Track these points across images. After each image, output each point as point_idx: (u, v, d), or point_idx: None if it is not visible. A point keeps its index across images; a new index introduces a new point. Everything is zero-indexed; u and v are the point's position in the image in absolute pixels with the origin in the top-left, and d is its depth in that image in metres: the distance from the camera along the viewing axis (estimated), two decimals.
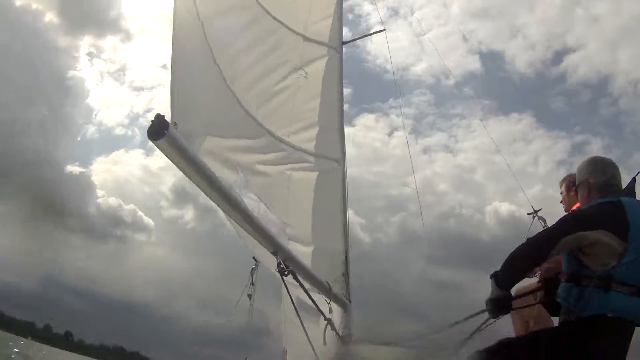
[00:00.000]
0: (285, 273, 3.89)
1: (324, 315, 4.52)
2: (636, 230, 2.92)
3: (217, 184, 3.26)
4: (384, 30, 7.40)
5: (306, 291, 4.14)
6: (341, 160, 5.94)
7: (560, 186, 4.63)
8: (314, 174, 5.68)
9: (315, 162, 5.70)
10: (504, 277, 3.12)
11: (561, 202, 4.59)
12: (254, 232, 3.69)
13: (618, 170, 3.42)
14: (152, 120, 2.95)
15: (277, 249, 3.86)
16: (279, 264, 3.86)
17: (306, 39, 6.26)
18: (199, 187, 3.29)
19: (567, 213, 4.28)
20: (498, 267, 3.26)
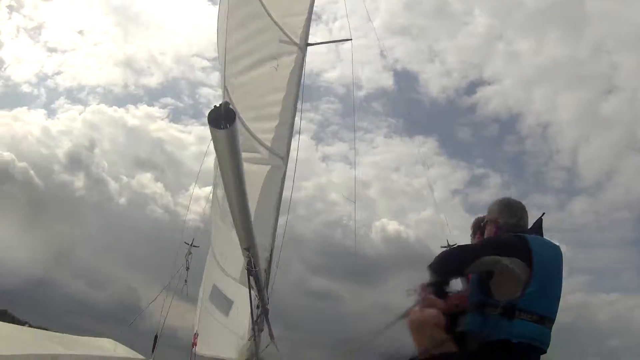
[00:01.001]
0: (252, 272, 3.95)
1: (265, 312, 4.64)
2: (538, 263, 3.09)
3: (243, 180, 3.23)
4: (351, 39, 7.54)
5: (258, 290, 4.23)
6: (285, 158, 6.04)
7: (471, 228, 4.61)
8: (266, 168, 5.71)
9: (267, 156, 5.73)
10: (439, 268, 3.27)
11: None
12: (242, 227, 3.69)
13: (527, 213, 3.61)
14: (215, 106, 2.82)
15: (249, 247, 3.89)
16: (248, 262, 3.90)
17: (283, 32, 6.24)
18: (225, 179, 3.21)
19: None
20: (377, 282, 3.46)
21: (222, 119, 2.77)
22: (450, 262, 3.36)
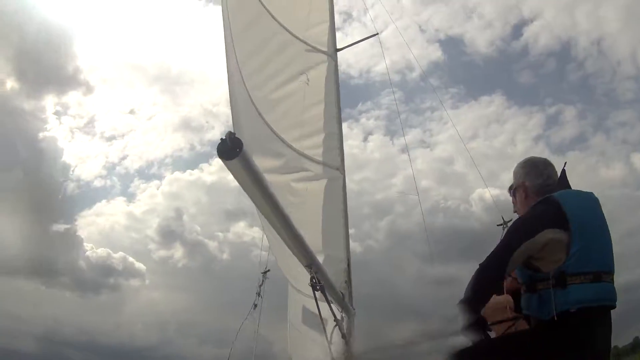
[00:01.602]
0: (317, 288, 3.92)
1: (338, 322, 4.59)
2: (574, 219, 2.94)
3: (276, 201, 3.24)
4: (377, 34, 7.47)
5: (329, 304, 4.18)
6: (341, 168, 6.01)
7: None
8: (322, 182, 5.71)
9: (322, 171, 5.73)
10: (471, 303, 3.05)
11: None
12: (294, 246, 3.69)
13: (554, 168, 3.41)
14: (222, 139, 2.86)
15: (311, 263, 3.88)
16: (312, 279, 3.88)
17: (306, 44, 6.27)
18: (257, 205, 3.25)
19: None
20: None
21: (231, 149, 2.82)
22: (485, 284, 3.08)
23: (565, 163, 3.40)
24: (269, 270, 6.54)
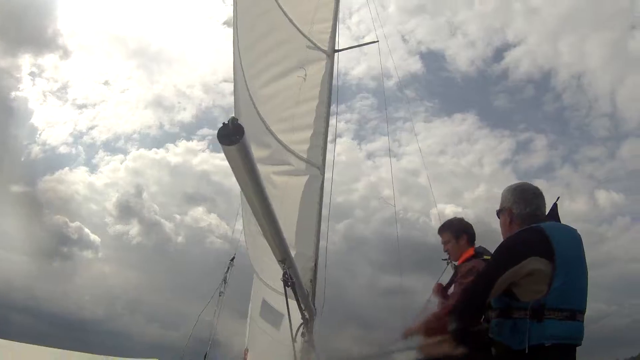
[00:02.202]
0: (289, 284, 3.93)
1: (305, 321, 4.62)
2: (560, 253, 2.89)
3: (265, 193, 3.23)
4: (377, 41, 7.51)
5: (298, 302, 4.20)
6: (322, 168, 6.02)
7: (443, 234, 4.46)
8: (302, 179, 5.72)
9: (304, 167, 5.74)
10: (464, 315, 3.06)
11: (445, 250, 4.44)
12: (273, 239, 3.68)
13: (543, 199, 3.35)
14: (224, 123, 2.82)
15: (285, 258, 3.88)
16: (284, 274, 3.88)
17: (308, 40, 6.26)
18: (246, 194, 3.23)
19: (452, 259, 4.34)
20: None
21: (232, 134, 2.78)
22: (472, 305, 3.05)
23: (558, 198, 3.38)
24: (233, 258, 6.48)
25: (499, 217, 3.51)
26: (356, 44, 7.65)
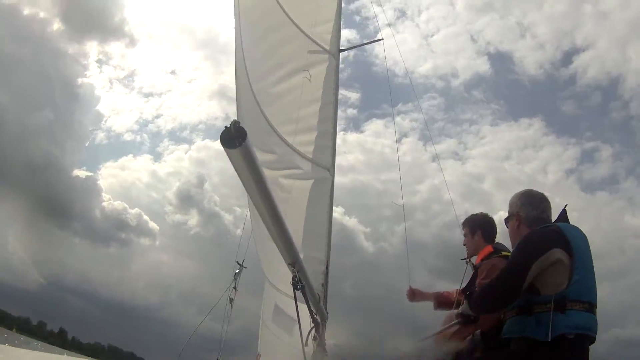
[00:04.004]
0: (298, 287, 3.86)
1: (316, 326, 4.54)
2: (577, 248, 3.06)
3: (271, 196, 3.17)
4: (382, 39, 7.46)
5: (309, 306, 4.13)
6: (332, 169, 5.95)
7: (463, 228, 4.46)
8: (309, 182, 5.64)
9: (311, 169, 5.66)
10: (476, 307, 3.31)
11: (464, 244, 4.42)
12: (281, 242, 3.62)
13: (549, 204, 3.53)
14: (226, 127, 2.79)
15: (294, 261, 3.82)
16: (293, 277, 3.82)
17: (311, 40, 6.19)
18: (252, 197, 3.18)
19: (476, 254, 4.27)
20: None
21: (234, 138, 2.74)
22: (505, 294, 3.17)
23: (566, 205, 3.49)
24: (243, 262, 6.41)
25: (507, 225, 3.68)
26: (361, 43, 7.57)
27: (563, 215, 3.44)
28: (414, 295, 4.47)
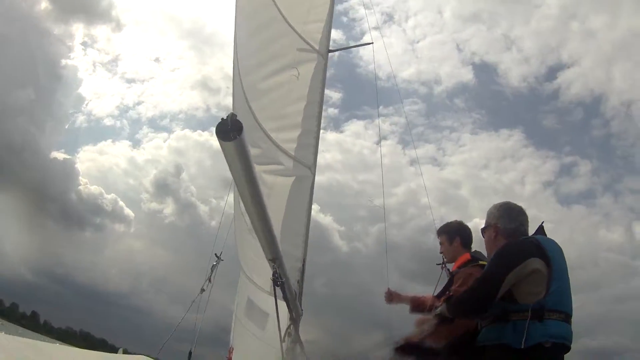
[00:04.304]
0: (278, 283, 3.90)
1: (293, 322, 4.59)
2: (554, 259, 3.10)
3: (259, 191, 3.20)
4: (372, 43, 7.55)
5: (287, 301, 4.17)
6: (313, 167, 5.99)
7: (439, 236, 4.43)
8: (291, 179, 5.67)
9: (293, 166, 5.69)
10: (453, 310, 3.30)
11: (441, 252, 4.40)
12: (264, 238, 3.65)
13: (527, 218, 3.57)
14: (223, 119, 2.80)
15: (275, 257, 3.84)
16: (274, 274, 3.85)
17: (301, 38, 6.22)
18: (240, 191, 3.19)
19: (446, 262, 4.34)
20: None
21: (230, 130, 2.75)
22: (480, 302, 3.19)
23: (543, 222, 3.53)
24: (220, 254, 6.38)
25: (483, 235, 3.71)
26: (351, 45, 7.64)
27: (540, 230, 3.49)
28: (392, 297, 4.52)
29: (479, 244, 4.34)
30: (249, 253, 5.37)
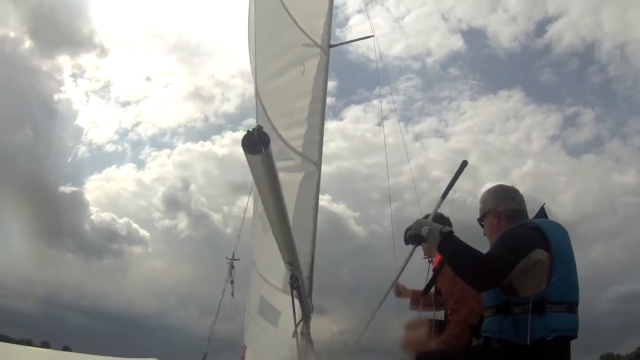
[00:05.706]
0: (295, 286, 3.96)
1: (304, 320, 4.67)
2: (557, 246, 2.97)
3: (283, 202, 3.24)
4: (373, 36, 7.56)
5: (302, 303, 4.24)
6: (318, 163, 6.03)
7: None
8: (299, 175, 5.72)
9: (300, 163, 5.74)
10: (448, 250, 3.08)
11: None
12: (284, 244, 3.70)
13: (523, 196, 3.43)
14: (248, 131, 2.80)
15: (293, 261, 3.90)
16: (291, 276, 3.92)
17: (305, 34, 6.21)
18: (264, 201, 3.24)
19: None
20: None
21: (257, 143, 2.76)
22: (493, 273, 2.93)
23: (544, 204, 3.44)
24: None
25: (481, 224, 3.54)
26: (352, 39, 7.64)
27: (542, 212, 3.40)
28: (401, 291, 4.61)
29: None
30: (264, 251, 5.42)
